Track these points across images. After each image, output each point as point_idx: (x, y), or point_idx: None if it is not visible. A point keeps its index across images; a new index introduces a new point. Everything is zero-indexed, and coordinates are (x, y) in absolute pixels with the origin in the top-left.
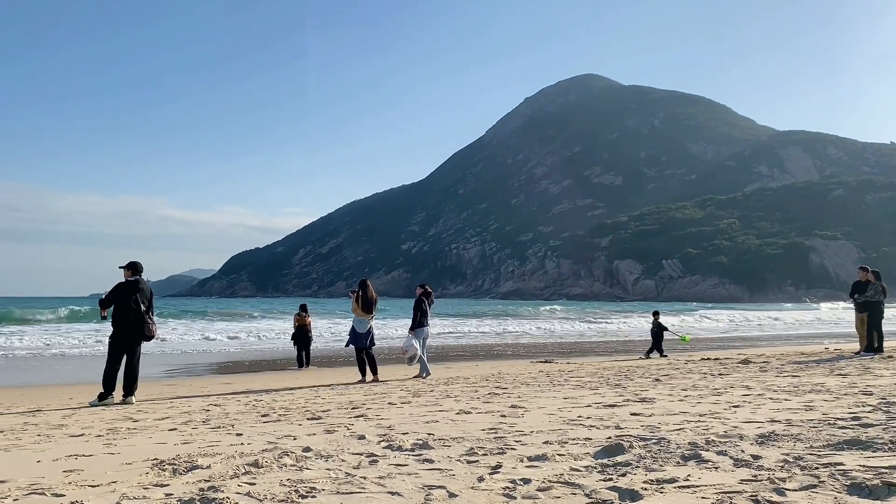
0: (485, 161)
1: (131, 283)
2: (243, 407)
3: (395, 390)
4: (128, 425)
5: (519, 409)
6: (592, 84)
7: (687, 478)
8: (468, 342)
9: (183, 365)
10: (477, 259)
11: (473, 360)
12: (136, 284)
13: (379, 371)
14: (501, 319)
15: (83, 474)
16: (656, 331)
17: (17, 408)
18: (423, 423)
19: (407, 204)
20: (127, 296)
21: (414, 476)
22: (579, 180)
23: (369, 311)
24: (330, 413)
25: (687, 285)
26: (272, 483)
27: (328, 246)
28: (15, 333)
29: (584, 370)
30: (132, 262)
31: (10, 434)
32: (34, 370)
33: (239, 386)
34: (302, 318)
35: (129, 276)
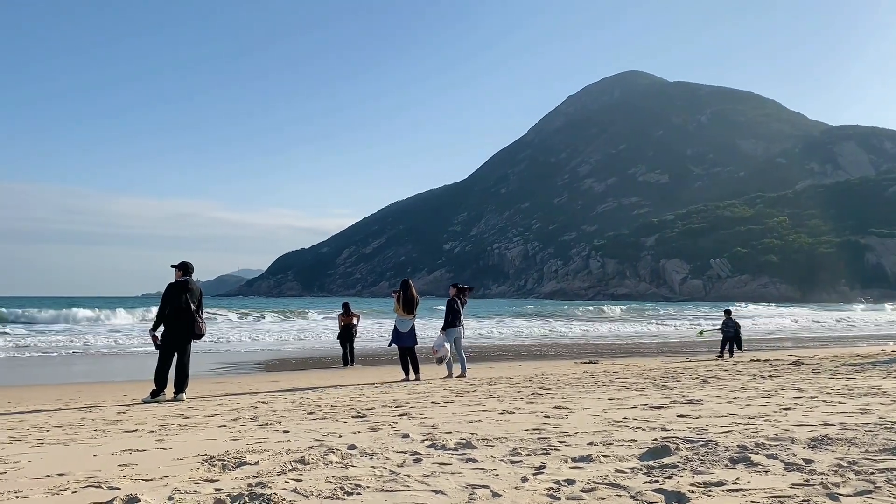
0: (527, 160)
1: (181, 283)
2: (290, 404)
3: (438, 389)
4: (179, 422)
5: (563, 410)
6: (637, 81)
7: (735, 481)
8: (511, 342)
9: (232, 363)
10: (519, 259)
11: (516, 361)
12: (186, 284)
13: (421, 370)
14: (545, 319)
15: (137, 468)
16: (730, 330)
17: (75, 403)
18: (467, 423)
19: (449, 204)
20: (178, 295)
21: (457, 475)
22: (624, 178)
23: (411, 311)
24: (374, 411)
25: (735, 285)
26: (318, 480)
27: (371, 246)
28: (72, 332)
29: (629, 371)
30: (183, 262)
31: (68, 429)
32: (90, 367)
33: (286, 384)
34: (346, 318)
35: (180, 276)
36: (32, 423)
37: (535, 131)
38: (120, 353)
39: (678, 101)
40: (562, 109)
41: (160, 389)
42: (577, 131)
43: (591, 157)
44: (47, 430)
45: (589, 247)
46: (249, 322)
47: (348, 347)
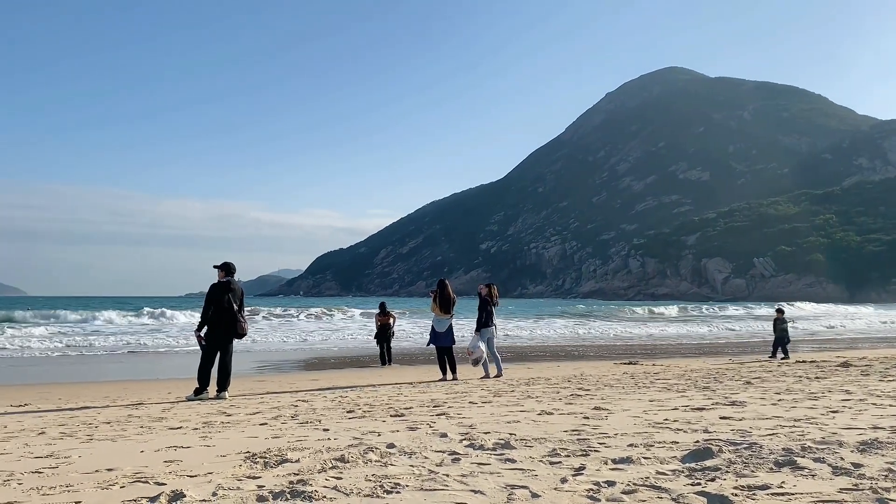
0: (564, 159)
1: (224, 284)
2: (330, 403)
3: (476, 389)
4: (222, 419)
5: (602, 411)
6: (676, 77)
7: (781, 485)
8: (549, 342)
9: (272, 362)
10: (557, 258)
11: (554, 361)
12: (229, 284)
13: (458, 370)
14: (584, 319)
15: (182, 465)
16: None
17: (122, 401)
18: (505, 423)
19: (485, 203)
20: (220, 295)
21: (496, 475)
22: (664, 176)
23: (447, 311)
24: (412, 410)
25: (780, 284)
26: (358, 478)
27: (408, 246)
28: (117, 331)
29: (670, 372)
30: (225, 262)
31: (115, 425)
32: (135, 365)
33: (325, 382)
34: (383, 318)
35: (223, 276)
36: (82, 420)
37: (572, 129)
38: (164, 351)
39: (719, 96)
40: (600, 107)
41: (203, 388)
42: (616, 129)
43: (629, 155)
44: (96, 426)
45: (628, 246)
46: (288, 321)
47: (385, 347)
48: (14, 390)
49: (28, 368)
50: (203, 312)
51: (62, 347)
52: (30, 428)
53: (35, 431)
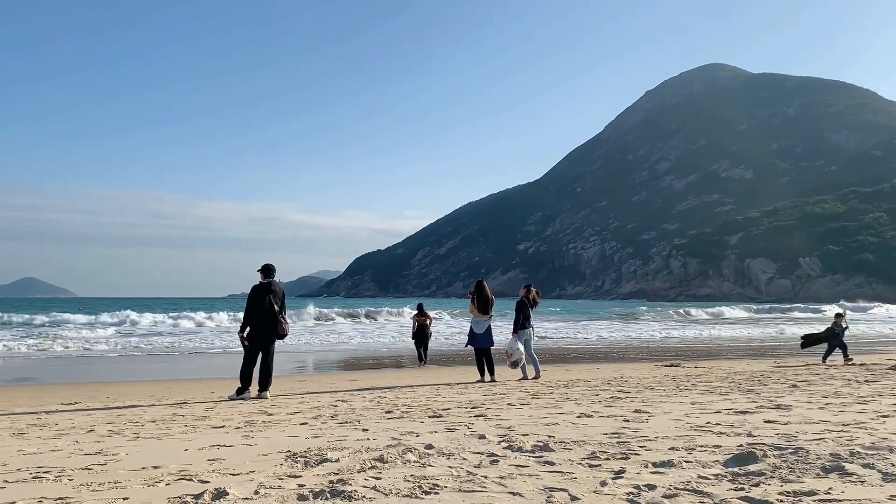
0: (603, 158)
1: (265, 285)
2: (368, 403)
3: (514, 391)
4: (263, 419)
5: (643, 414)
6: (718, 74)
7: (828, 491)
8: (588, 344)
9: (313, 362)
10: (596, 259)
11: (594, 363)
12: (270, 286)
13: (496, 372)
14: (624, 320)
15: (225, 463)
16: (837, 332)
17: (167, 400)
18: (543, 425)
19: (523, 204)
20: (261, 297)
21: (535, 478)
22: (705, 175)
23: (485, 312)
24: (450, 412)
25: (827, 285)
26: (397, 478)
27: (445, 247)
28: (166, 333)
29: (712, 374)
30: (266, 265)
31: (161, 424)
32: (180, 364)
33: (364, 383)
34: (420, 318)
35: (263, 278)
36: (129, 418)
37: (611, 128)
38: (206, 351)
39: (763, 93)
40: (639, 105)
41: (245, 387)
42: (656, 127)
43: (670, 154)
44: (142, 424)
45: (669, 246)
46: (329, 321)
47: (423, 347)
48: (65, 389)
49: (78, 367)
50: (245, 314)
51: (111, 347)
52: (79, 426)
53: (84, 429)
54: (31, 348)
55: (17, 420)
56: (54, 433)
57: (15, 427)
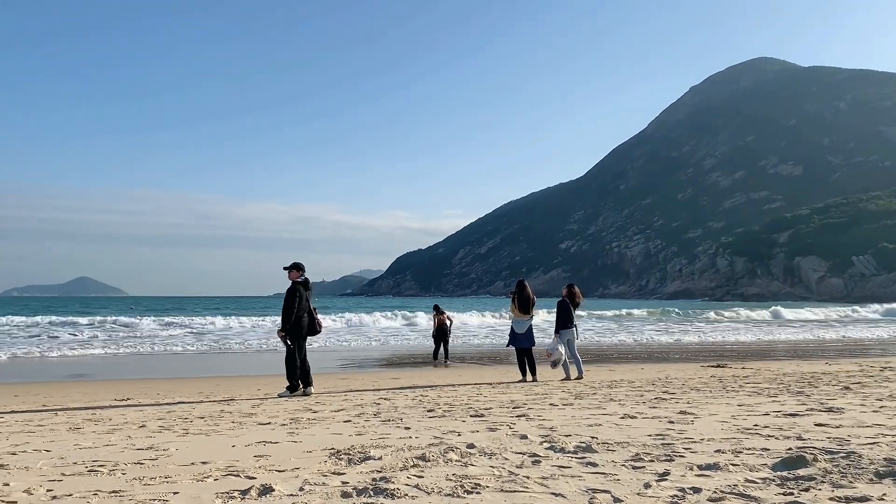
0: (647, 155)
1: (303, 282)
2: (410, 402)
3: (557, 391)
4: (308, 416)
5: (688, 416)
6: (766, 68)
7: (882, 497)
8: (632, 344)
9: (355, 359)
10: (640, 257)
11: (638, 363)
12: (307, 283)
13: (538, 372)
14: (669, 320)
15: (271, 459)
16: None
17: (215, 397)
18: (586, 426)
19: (564, 202)
20: (301, 294)
21: (577, 479)
22: (753, 171)
23: (527, 312)
24: (492, 411)
25: (882, 284)
26: (439, 477)
27: (486, 246)
28: (213, 331)
29: (761, 376)
30: (297, 262)
31: (209, 420)
32: (225, 362)
33: (406, 381)
34: (440, 317)
35: (297, 276)
36: (178, 414)
37: (655, 124)
38: (253, 350)
39: (813, 86)
40: (684, 101)
41: (296, 385)
42: (702, 123)
43: (716, 150)
44: (191, 420)
45: (716, 244)
46: (373, 320)
47: (442, 344)
48: (117, 385)
49: (129, 364)
50: (287, 312)
51: (163, 346)
52: (132, 421)
53: (136, 424)
54: (112, 347)
55: (73, 415)
56: (108, 428)
57: (71, 422)
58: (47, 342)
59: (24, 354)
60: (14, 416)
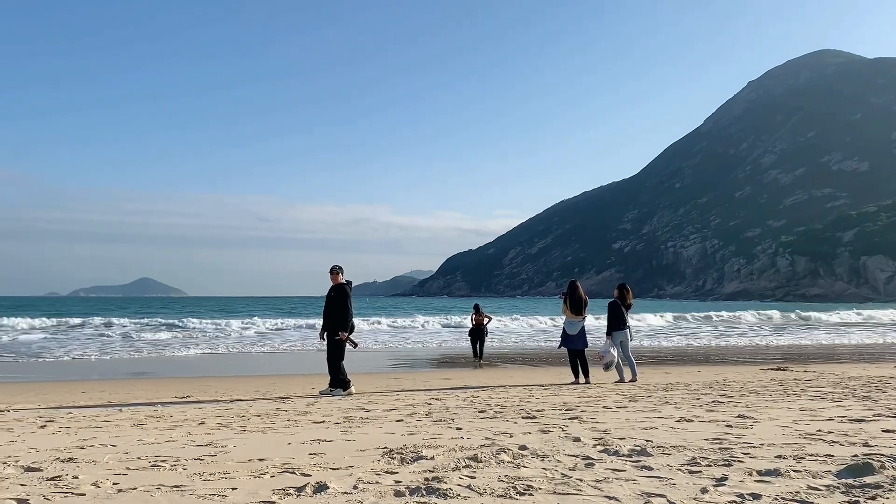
0: (704, 152)
1: (347, 285)
2: (462, 402)
3: (610, 394)
4: (361, 415)
5: (747, 420)
6: (828, 61)
7: None
8: (689, 346)
9: (407, 359)
10: (697, 257)
11: (695, 366)
12: (351, 284)
13: (591, 374)
14: (728, 321)
15: (325, 457)
16: None
17: (271, 394)
18: (641, 430)
19: (618, 201)
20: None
21: (632, 482)
22: (815, 168)
23: (578, 313)
24: (544, 413)
25: None
26: (491, 478)
27: (537, 246)
28: (269, 331)
29: (824, 379)
30: (339, 265)
31: (265, 418)
32: (282, 361)
33: (457, 382)
34: (479, 317)
35: (341, 278)
36: (236, 412)
37: (712, 121)
38: (307, 350)
39: (879, 79)
40: (742, 96)
41: (349, 382)
42: (760, 119)
43: (775, 147)
44: (248, 418)
45: (776, 243)
46: (423, 321)
47: (479, 344)
48: (178, 382)
49: (191, 363)
50: (347, 312)
51: (222, 346)
52: (191, 418)
53: (196, 421)
54: (195, 348)
55: (137, 412)
56: (169, 424)
57: (135, 418)
58: (116, 342)
59: (85, 355)
60: (82, 412)
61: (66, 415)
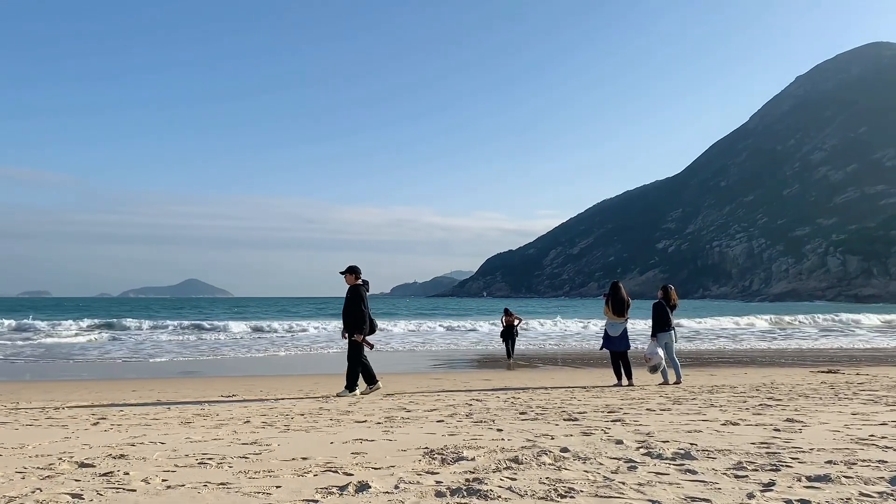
0: (750, 149)
1: (364, 285)
2: (502, 403)
3: (654, 396)
4: (402, 415)
5: (796, 424)
6: (881, 54)
7: None
8: (734, 347)
9: (447, 360)
10: (743, 257)
11: (741, 368)
12: (367, 284)
13: (634, 375)
14: (776, 323)
15: (367, 457)
16: None
17: (314, 394)
18: (685, 432)
19: (661, 200)
20: (365, 297)
21: (675, 486)
22: (867, 165)
23: (621, 314)
24: (586, 415)
25: None
26: (532, 480)
27: (578, 247)
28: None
29: (877, 382)
30: (354, 266)
31: (309, 417)
32: (324, 361)
33: (497, 383)
34: (509, 318)
35: (355, 279)
36: (280, 411)
37: (758, 117)
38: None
39: None
40: (790, 91)
41: (355, 385)
42: (809, 114)
43: (825, 143)
44: (292, 417)
45: (826, 242)
46: (469, 321)
47: (510, 344)
48: (224, 382)
49: (237, 363)
50: (361, 314)
51: (264, 347)
52: (237, 417)
53: (241, 420)
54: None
55: (185, 410)
56: (216, 423)
57: (182, 416)
58: (164, 342)
59: (134, 356)
60: (132, 410)
61: (118, 412)
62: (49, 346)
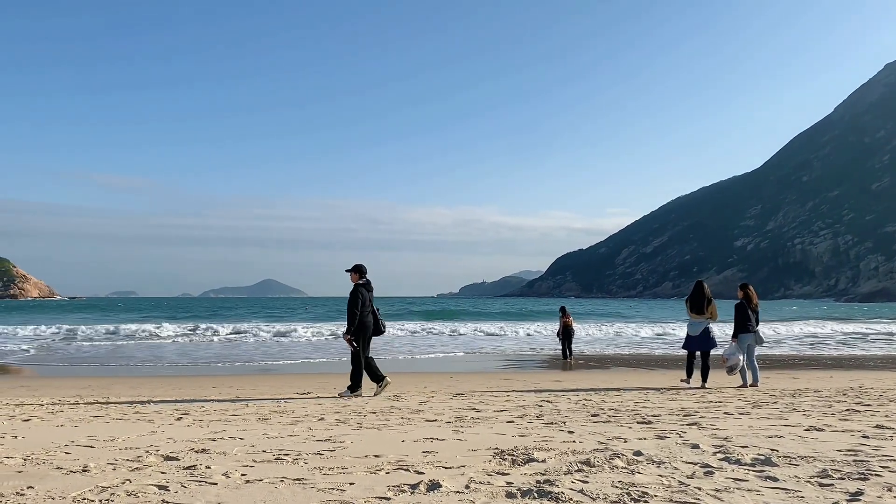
0: (834, 142)
1: (367, 284)
2: (573, 405)
3: (732, 399)
4: (472, 415)
5: (887, 431)
6: None
7: None
8: (818, 350)
9: (516, 360)
10: (828, 255)
11: (826, 370)
12: (368, 285)
13: (711, 377)
14: (862, 324)
15: (438, 456)
16: None
17: (385, 393)
18: (765, 437)
19: (739, 197)
20: (363, 297)
21: (755, 493)
22: None
23: (700, 312)
24: (660, 418)
25: None
26: (604, 483)
27: (652, 245)
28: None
29: None
30: (357, 265)
31: (380, 415)
32: (394, 360)
33: (568, 384)
34: (566, 319)
35: (358, 279)
36: (353, 409)
37: (844, 108)
38: (413, 350)
39: None
40: (879, 79)
41: (358, 386)
42: None
43: None
44: (364, 415)
45: None
46: (531, 323)
47: (567, 343)
48: (300, 379)
49: (312, 361)
50: (352, 315)
51: (340, 345)
52: (312, 414)
53: (316, 417)
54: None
55: (262, 406)
56: (291, 420)
57: (260, 413)
58: (243, 342)
59: (217, 355)
60: (213, 406)
61: (199, 408)
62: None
